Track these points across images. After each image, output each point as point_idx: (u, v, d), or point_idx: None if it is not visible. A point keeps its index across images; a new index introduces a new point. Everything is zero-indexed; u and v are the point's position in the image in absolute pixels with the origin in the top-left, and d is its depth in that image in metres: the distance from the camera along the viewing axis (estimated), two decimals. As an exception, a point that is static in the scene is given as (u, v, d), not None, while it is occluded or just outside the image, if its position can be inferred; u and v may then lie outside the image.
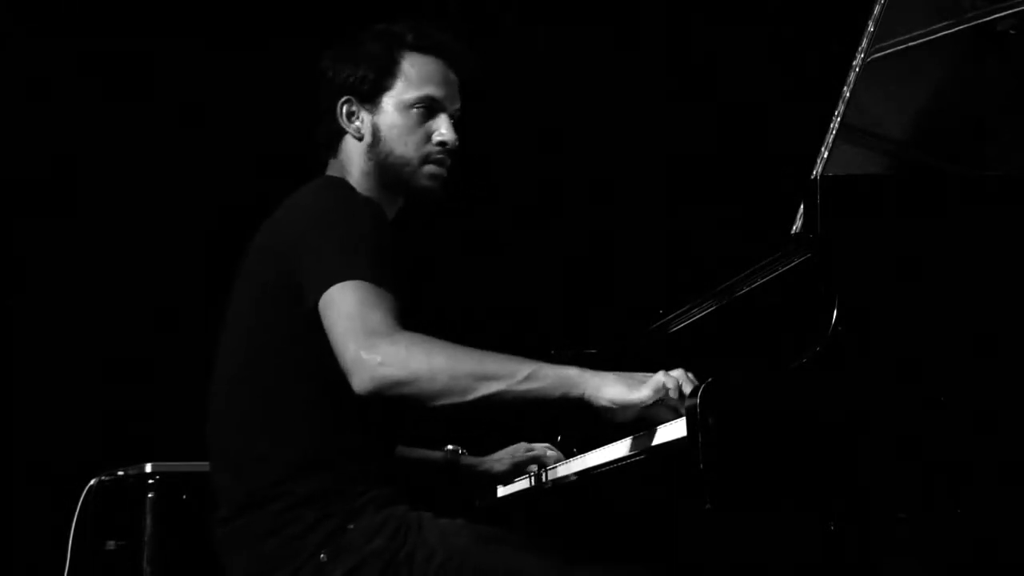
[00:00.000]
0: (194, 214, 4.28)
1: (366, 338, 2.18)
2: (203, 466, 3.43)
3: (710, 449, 2.09)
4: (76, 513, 3.51)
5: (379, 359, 2.17)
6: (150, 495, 3.45)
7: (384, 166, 2.51)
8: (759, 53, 4.39)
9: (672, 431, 2.20)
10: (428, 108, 2.51)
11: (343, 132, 2.53)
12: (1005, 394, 2.22)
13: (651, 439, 2.27)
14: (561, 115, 4.43)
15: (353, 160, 2.52)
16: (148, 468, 3.45)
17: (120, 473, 3.51)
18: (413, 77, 2.51)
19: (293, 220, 2.39)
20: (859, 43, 2.72)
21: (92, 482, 3.54)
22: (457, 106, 2.56)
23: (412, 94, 2.50)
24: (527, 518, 2.95)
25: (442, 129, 2.51)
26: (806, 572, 2.40)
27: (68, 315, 4.20)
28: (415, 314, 2.31)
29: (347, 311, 2.21)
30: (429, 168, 2.52)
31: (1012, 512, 2.23)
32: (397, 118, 2.50)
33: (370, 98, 2.51)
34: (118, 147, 4.27)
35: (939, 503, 2.19)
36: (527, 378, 2.20)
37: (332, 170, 2.55)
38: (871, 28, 2.71)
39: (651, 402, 2.20)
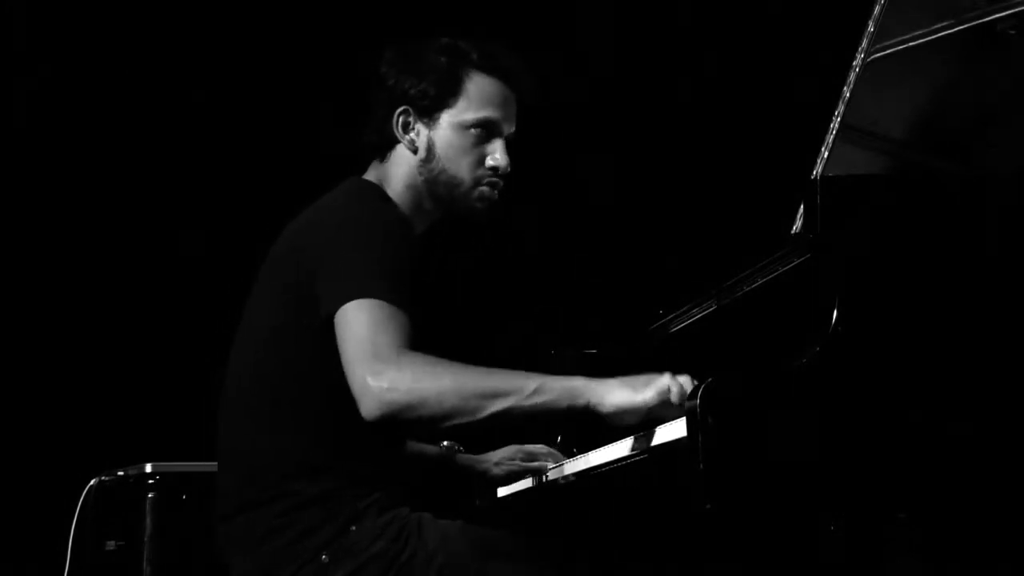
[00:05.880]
0: (196, 214, 4.28)
1: (373, 364, 2.19)
2: (203, 466, 3.45)
3: (710, 449, 2.09)
4: (76, 513, 3.51)
5: (386, 385, 2.18)
6: (150, 495, 3.45)
7: (435, 182, 2.50)
8: (759, 53, 4.39)
9: (672, 431, 2.20)
10: (486, 130, 2.50)
11: (396, 141, 2.51)
12: (1005, 394, 2.22)
13: (651, 439, 2.27)
14: (563, 114, 4.43)
15: (400, 170, 2.51)
16: (148, 468, 3.45)
17: (120, 473, 3.51)
18: (475, 98, 2.49)
19: (322, 225, 2.39)
20: (859, 43, 2.72)
21: (92, 482, 3.54)
22: (513, 129, 2.55)
23: (472, 115, 2.49)
24: (527, 518, 2.95)
25: (497, 154, 2.50)
26: (806, 572, 2.40)
27: (68, 315, 4.20)
28: (430, 323, 2.32)
29: (358, 333, 2.22)
30: (481, 190, 2.52)
31: (1012, 512, 2.23)
32: (454, 137, 2.49)
33: (429, 113, 2.49)
34: (117, 148, 4.27)
35: (939, 503, 2.20)
36: (534, 392, 2.22)
37: (371, 173, 2.54)
38: (871, 28, 2.71)
39: (655, 403, 2.21)
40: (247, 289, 2.50)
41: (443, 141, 2.49)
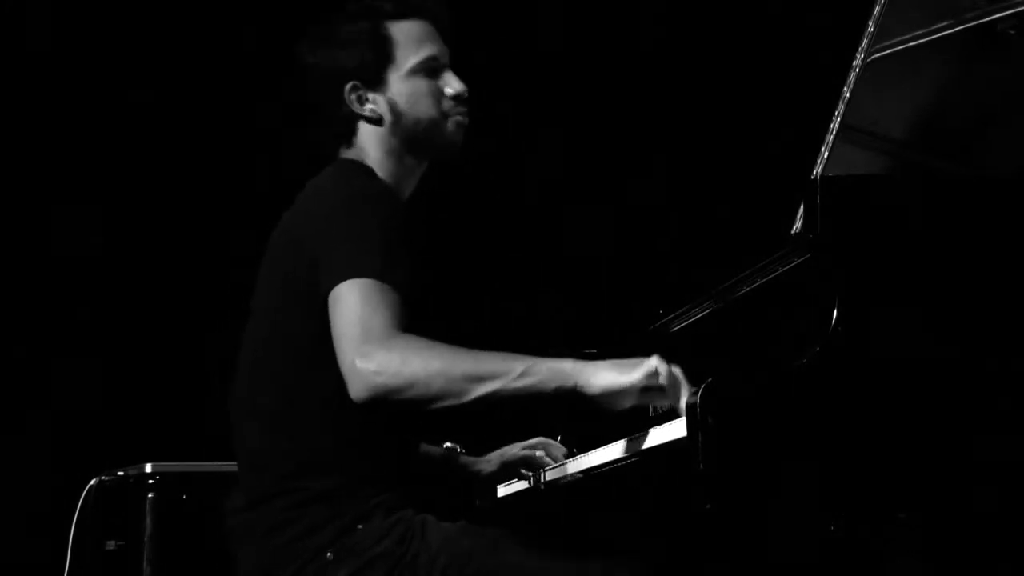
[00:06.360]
0: (195, 214, 4.28)
1: (361, 345, 2.19)
2: (203, 466, 3.45)
3: (710, 449, 2.09)
4: (76, 513, 3.51)
5: (373, 368, 2.17)
6: (150, 495, 3.45)
7: (412, 136, 2.52)
8: (759, 52, 4.39)
9: (672, 431, 2.20)
10: (431, 67, 2.53)
11: (356, 118, 2.53)
12: (1004, 394, 2.22)
13: (651, 439, 2.27)
14: (564, 114, 4.43)
15: (372, 141, 2.52)
16: (148, 468, 3.46)
17: (120, 473, 3.52)
18: (408, 44, 2.52)
19: (313, 215, 2.39)
20: (859, 43, 2.72)
21: (92, 482, 3.55)
22: (447, 58, 2.58)
23: (414, 60, 2.52)
24: (528, 518, 2.95)
25: (452, 83, 2.54)
26: (806, 572, 2.39)
27: (68, 315, 4.20)
28: (425, 305, 2.32)
29: (348, 314, 2.22)
30: (454, 120, 2.55)
31: (1012, 512, 2.23)
32: (408, 87, 2.51)
33: (376, 79, 2.51)
34: (115, 146, 4.27)
35: (939, 503, 2.20)
36: (522, 375, 2.22)
37: (347, 155, 2.54)
38: (871, 28, 2.71)
39: (642, 385, 2.20)
40: (246, 286, 2.50)
41: (401, 96, 2.51)
